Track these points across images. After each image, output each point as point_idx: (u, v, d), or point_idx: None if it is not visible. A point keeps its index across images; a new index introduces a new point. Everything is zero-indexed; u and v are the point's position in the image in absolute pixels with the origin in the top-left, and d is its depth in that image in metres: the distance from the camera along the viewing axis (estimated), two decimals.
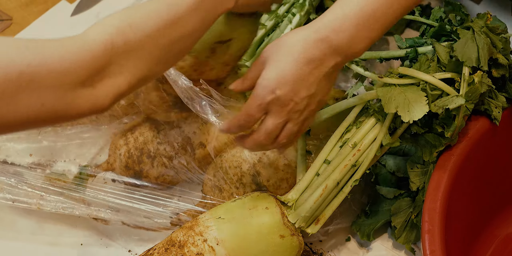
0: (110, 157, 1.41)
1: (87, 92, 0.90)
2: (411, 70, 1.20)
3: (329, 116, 1.26)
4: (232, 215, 1.20)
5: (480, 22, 1.24)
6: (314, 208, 1.22)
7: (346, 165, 1.22)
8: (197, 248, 1.18)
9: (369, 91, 1.22)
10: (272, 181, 1.30)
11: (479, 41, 1.21)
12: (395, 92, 1.17)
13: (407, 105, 1.16)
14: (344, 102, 1.25)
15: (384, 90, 1.18)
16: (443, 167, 1.24)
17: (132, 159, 1.38)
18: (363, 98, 1.23)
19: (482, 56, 1.20)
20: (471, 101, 1.20)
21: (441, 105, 1.18)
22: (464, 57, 1.20)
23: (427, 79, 1.19)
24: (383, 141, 1.21)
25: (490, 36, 1.23)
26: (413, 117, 1.15)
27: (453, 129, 1.22)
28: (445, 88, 1.19)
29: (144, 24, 0.95)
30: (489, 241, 1.36)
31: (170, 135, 1.38)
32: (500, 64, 1.25)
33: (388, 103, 1.16)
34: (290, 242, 1.19)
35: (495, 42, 1.24)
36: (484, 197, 1.34)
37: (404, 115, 1.16)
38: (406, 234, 1.34)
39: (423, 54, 1.26)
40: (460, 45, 1.21)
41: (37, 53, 0.86)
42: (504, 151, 1.35)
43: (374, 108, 1.22)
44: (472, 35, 1.22)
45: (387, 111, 1.16)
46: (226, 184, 1.31)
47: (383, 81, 1.20)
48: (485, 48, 1.20)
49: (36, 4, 1.73)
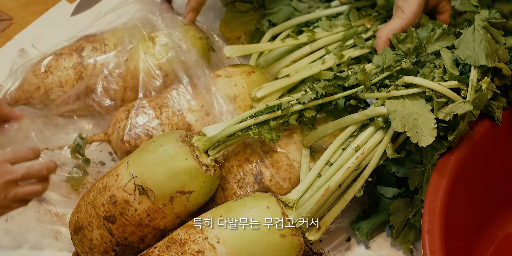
0: (109, 129, 1.42)
1: None
2: (417, 79, 1.21)
3: (334, 131, 1.28)
4: (233, 214, 1.21)
5: (483, 15, 1.24)
6: (315, 209, 1.22)
7: (349, 168, 1.22)
8: (197, 246, 1.19)
9: (375, 108, 1.23)
10: (274, 180, 1.30)
11: (477, 36, 1.21)
12: (403, 107, 1.19)
13: (416, 126, 1.18)
14: (350, 118, 1.26)
15: (392, 103, 1.20)
16: (443, 168, 1.24)
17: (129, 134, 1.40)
18: (368, 115, 1.24)
19: (478, 52, 1.20)
20: (478, 108, 1.21)
21: (448, 112, 1.18)
22: (464, 54, 1.21)
23: (433, 87, 1.19)
24: (387, 151, 1.23)
25: (490, 31, 1.23)
26: (422, 143, 1.18)
27: (457, 133, 1.23)
28: (452, 96, 1.19)
29: None
30: (489, 241, 1.37)
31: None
32: (503, 75, 1.26)
33: (395, 119, 1.19)
34: (291, 241, 1.20)
35: (497, 37, 1.24)
36: (484, 197, 1.34)
37: (413, 137, 1.18)
38: (404, 234, 1.34)
39: (426, 65, 1.27)
40: (461, 42, 1.22)
41: None
42: (504, 152, 1.35)
43: (379, 123, 1.23)
44: (473, 30, 1.22)
45: (395, 129, 1.19)
46: (229, 183, 1.31)
47: (391, 95, 1.21)
48: (483, 44, 1.21)
49: (36, 4, 1.73)
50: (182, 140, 1.26)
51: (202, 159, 1.26)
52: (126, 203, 1.25)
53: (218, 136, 1.26)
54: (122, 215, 1.26)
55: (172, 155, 1.24)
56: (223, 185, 1.32)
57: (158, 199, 1.24)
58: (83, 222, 1.29)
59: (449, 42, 1.27)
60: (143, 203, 1.25)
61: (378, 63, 1.28)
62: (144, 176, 1.24)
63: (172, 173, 1.23)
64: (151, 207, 1.25)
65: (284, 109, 1.26)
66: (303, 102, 1.27)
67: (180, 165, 1.23)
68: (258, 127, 1.26)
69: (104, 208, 1.26)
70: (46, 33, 1.67)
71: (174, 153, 1.24)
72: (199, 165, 1.24)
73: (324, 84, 1.27)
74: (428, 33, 1.28)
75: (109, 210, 1.26)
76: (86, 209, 1.29)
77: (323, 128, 1.29)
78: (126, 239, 1.27)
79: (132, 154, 1.29)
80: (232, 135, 1.26)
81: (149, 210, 1.25)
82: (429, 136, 1.18)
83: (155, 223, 1.26)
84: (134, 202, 1.25)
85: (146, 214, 1.25)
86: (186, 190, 1.24)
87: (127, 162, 1.27)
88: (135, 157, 1.27)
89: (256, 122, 1.26)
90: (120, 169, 1.27)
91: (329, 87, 1.26)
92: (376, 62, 1.29)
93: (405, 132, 1.19)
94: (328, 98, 1.27)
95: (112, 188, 1.26)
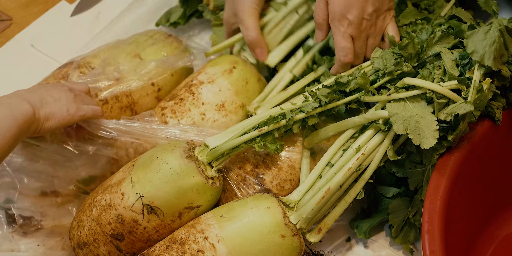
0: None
1: None
2: (418, 80, 1.21)
3: (335, 134, 1.28)
4: (233, 214, 1.21)
5: (503, 21, 1.23)
6: (316, 210, 1.22)
7: (349, 168, 1.22)
8: (198, 245, 1.19)
9: (375, 112, 1.23)
10: (275, 182, 1.30)
11: (491, 37, 1.20)
12: (404, 110, 1.19)
13: (418, 129, 1.18)
14: (350, 121, 1.26)
15: (393, 106, 1.20)
16: (442, 168, 1.24)
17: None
18: (368, 118, 1.24)
19: (487, 53, 1.19)
20: (479, 108, 1.21)
21: (449, 112, 1.18)
22: (471, 47, 1.20)
23: (434, 88, 1.19)
24: (388, 153, 1.23)
25: (504, 36, 1.22)
26: (424, 145, 1.18)
27: (457, 133, 1.23)
28: (452, 96, 1.19)
29: None
30: (489, 241, 1.37)
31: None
32: (503, 76, 1.26)
33: (397, 122, 1.19)
34: (291, 242, 1.20)
35: (508, 44, 1.22)
36: (484, 198, 1.34)
37: (415, 139, 1.18)
38: (404, 234, 1.35)
39: (426, 66, 1.27)
40: (473, 36, 1.21)
41: None
42: (504, 152, 1.35)
43: (381, 126, 1.23)
44: (488, 29, 1.21)
45: (397, 132, 1.18)
46: (229, 185, 1.31)
47: (392, 98, 1.21)
48: (495, 45, 1.20)
49: (36, 4, 1.72)
50: (187, 156, 1.24)
51: (207, 172, 1.25)
52: (134, 222, 1.24)
53: (223, 149, 1.25)
54: (131, 233, 1.25)
55: (179, 173, 1.23)
56: (224, 186, 1.32)
57: (167, 217, 1.24)
58: (87, 238, 1.28)
59: (449, 43, 1.27)
60: (152, 221, 1.24)
61: (379, 67, 1.28)
62: (151, 196, 1.23)
63: (180, 191, 1.23)
64: (160, 224, 1.24)
65: (289, 120, 1.25)
66: (306, 111, 1.26)
67: (188, 183, 1.23)
68: (262, 138, 1.25)
69: (111, 227, 1.25)
70: (46, 33, 1.67)
71: (181, 171, 1.23)
72: (206, 179, 1.24)
73: (326, 92, 1.25)
74: (428, 36, 1.28)
75: (117, 228, 1.25)
76: (90, 226, 1.27)
77: (324, 131, 1.29)
78: (135, 254, 1.28)
79: (135, 171, 1.26)
80: (236, 147, 1.25)
81: (157, 227, 1.25)
82: (432, 138, 1.18)
83: (163, 237, 1.26)
84: (143, 221, 1.24)
85: (155, 230, 1.25)
86: (194, 206, 1.24)
87: (131, 179, 1.25)
88: (139, 175, 1.24)
89: (261, 133, 1.25)
90: (125, 187, 1.25)
91: (331, 95, 1.26)
92: (377, 65, 1.28)
93: (407, 134, 1.19)
94: (331, 105, 1.26)
95: (119, 208, 1.24)
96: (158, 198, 1.23)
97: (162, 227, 1.25)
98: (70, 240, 1.32)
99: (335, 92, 1.26)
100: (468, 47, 1.21)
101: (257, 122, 1.26)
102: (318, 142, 1.30)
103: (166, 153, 1.25)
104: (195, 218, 1.25)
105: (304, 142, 1.32)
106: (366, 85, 1.25)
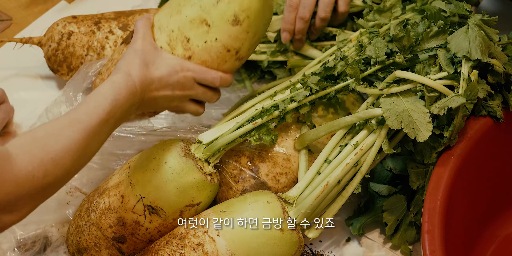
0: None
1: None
2: (409, 74, 1.22)
3: (326, 134, 1.28)
4: (233, 208, 1.21)
5: (477, 17, 1.25)
6: (315, 205, 1.22)
7: (348, 164, 1.22)
8: (197, 239, 1.19)
9: (367, 110, 1.23)
10: (271, 175, 1.31)
11: (472, 33, 1.22)
12: (397, 104, 1.20)
13: (411, 122, 1.19)
14: (342, 121, 1.26)
15: (385, 102, 1.20)
16: (442, 167, 1.24)
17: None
18: (361, 117, 1.24)
19: (473, 47, 1.20)
20: (470, 101, 1.21)
21: (442, 106, 1.18)
22: (456, 48, 1.21)
23: (424, 82, 1.20)
24: (383, 146, 1.23)
25: (484, 29, 1.24)
26: (419, 139, 1.18)
27: (452, 128, 1.22)
28: (443, 90, 1.20)
29: (63, 159, 1.01)
30: (489, 241, 1.36)
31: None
32: (495, 72, 1.26)
33: (390, 117, 1.19)
34: (290, 237, 1.20)
35: (491, 35, 1.24)
36: (484, 197, 1.34)
37: (410, 133, 1.19)
38: (401, 234, 1.35)
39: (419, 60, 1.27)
40: (454, 38, 1.23)
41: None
42: (504, 152, 1.35)
43: (373, 126, 1.24)
44: (466, 28, 1.23)
45: (392, 127, 1.19)
46: (225, 179, 1.32)
47: (384, 93, 1.22)
48: (478, 39, 1.21)
49: (36, 4, 1.73)
50: (185, 154, 1.24)
51: (205, 169, 1.26)
52: (136, 223, 1.24)
53: (218, 145, 1.25)
54: (133, 235, 1.25)
55: (179, 172, 1.23)
56: (219, 180, 1.32)
57: (168, 216, 1.24)
58: (88, 243, 1.27)
59: (444, 40, 1.27)
60: (154, 222, 1.24)
61: (371, 55, 1.27)
62: (152, 196, 1.23)
63: (181, 190, 1.23)
64: (162, 224, 1.24)
65: (282, 111, 1.26)
66: (298, 100, 1.27)
67: (188, 181, 1.23)
68: (256, 131, 1.26)
69: (112, 230, 1.25)
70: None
71: (180, 170, 1.23)
72: (204, 176, 1.24)
73: (316, 79, 1.27)
74: (424, 30, 1.28)
75: (118, 231, 1.25)
76: (90, 230, 1.27)
77: (315, 131, 1.29)
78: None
79: (132, 173, 1.25)
80: (231, 142, 1.26)
81: (159, 227, 1.25)
82: (425, 131, 1.18)
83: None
84: (145, 222, 1.24)
85: (157, 230, 1.25)
86: (195, 203, 1.24)
87: (129, 181, 1.24)
88: (138, 176, 1.24)
89: (255, 126, 1.26)
90: (124, 190, 1.24)
91: (322, 82, 1.27)
92: (369, 53, 1.28)
93: (402, 129, 1.19)
94: (322, 92, 1.28)
95: (119, 210, 1.24)
96: (159, 198, 1.22)
97: (164, 227, 1.25)
98: (68, 247, 1.32)
99: (326, 80, 1.28)
100: (452, 49, 1.22)
101: (250, 116, 1.27)
102: (309, 142, 1.30)
103: (164, 153, 1.25)
104: (195, 215, 1.25)
105: (295, 143, 1.32)
106: (356, 74, 1.26)
